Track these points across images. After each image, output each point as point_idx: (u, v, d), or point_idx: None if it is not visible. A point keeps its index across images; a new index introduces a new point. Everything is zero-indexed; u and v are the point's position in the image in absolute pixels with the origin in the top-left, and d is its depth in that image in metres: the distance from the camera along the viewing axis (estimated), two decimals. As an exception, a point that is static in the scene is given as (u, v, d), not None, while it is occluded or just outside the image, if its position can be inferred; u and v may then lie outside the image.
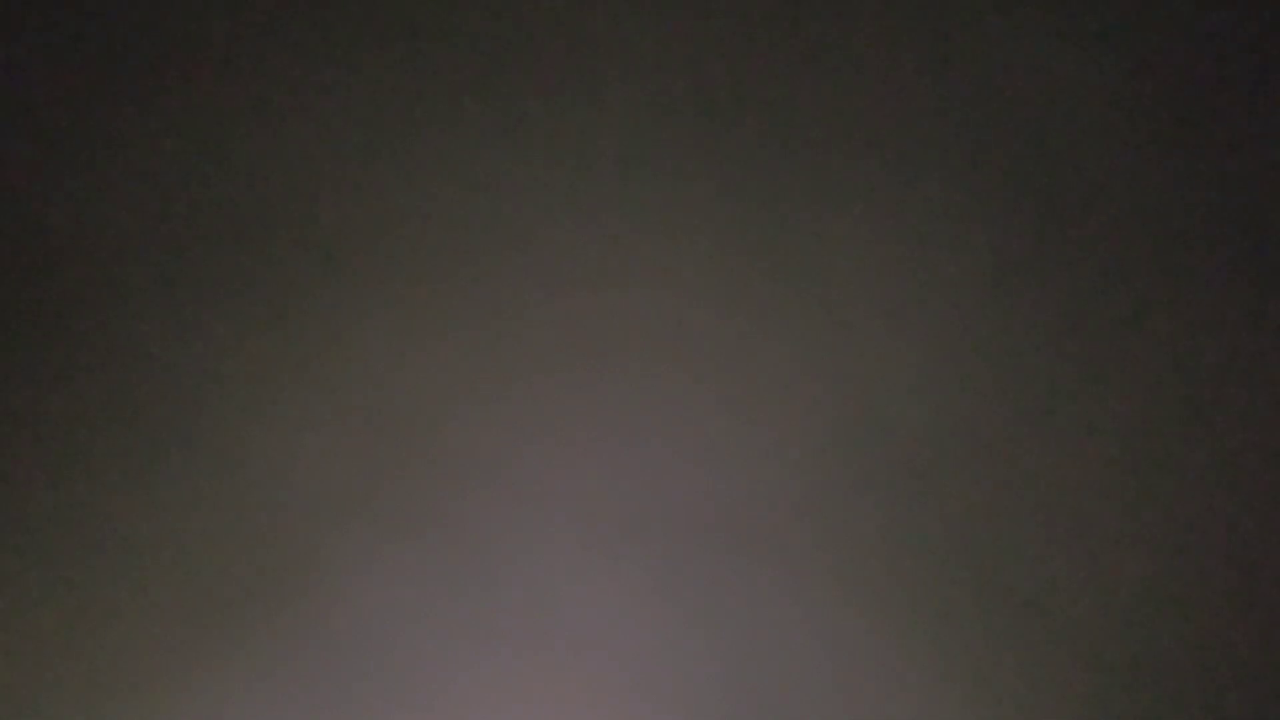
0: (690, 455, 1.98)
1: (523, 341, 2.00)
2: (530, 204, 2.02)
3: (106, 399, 1.98)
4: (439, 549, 1.97)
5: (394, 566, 1.96)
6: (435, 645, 1.95)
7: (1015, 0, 2.05)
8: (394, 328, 2.00)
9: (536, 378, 1.99)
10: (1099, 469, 1.98)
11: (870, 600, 1.96)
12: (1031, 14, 2.04)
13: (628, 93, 2.03)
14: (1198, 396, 1.99)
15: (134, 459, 1.97)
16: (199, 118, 2.02)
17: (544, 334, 2.00)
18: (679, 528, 1.97)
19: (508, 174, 2.02)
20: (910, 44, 2.04)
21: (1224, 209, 2.02)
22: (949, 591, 1.97)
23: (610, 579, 1.97)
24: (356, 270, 2.01)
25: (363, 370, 1.99)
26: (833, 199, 2.02)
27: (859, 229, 2.02)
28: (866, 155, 2.03)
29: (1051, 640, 1.96)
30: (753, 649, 1.96)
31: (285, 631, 1.95)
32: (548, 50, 2.04)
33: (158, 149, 2.02)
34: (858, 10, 2.04)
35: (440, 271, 2.01)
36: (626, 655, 1.96)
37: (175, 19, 2.04)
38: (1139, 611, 1.97)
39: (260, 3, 2.04)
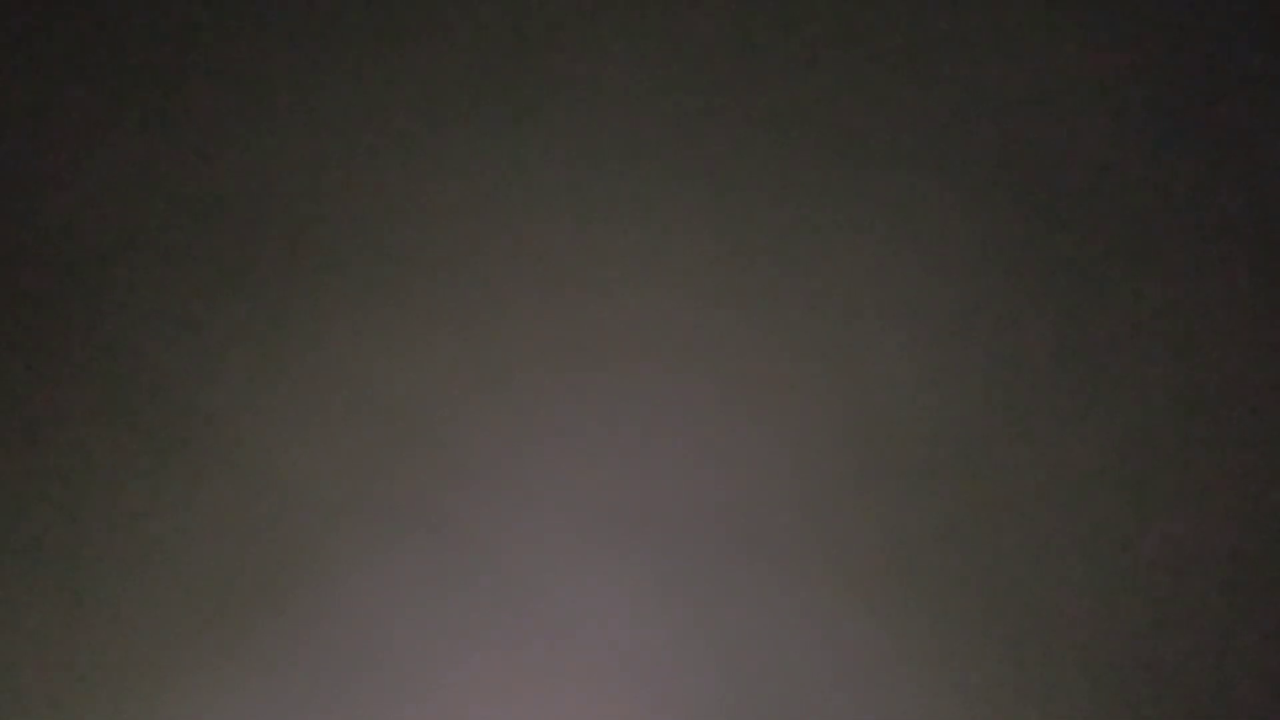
0: (690, 454, 1.98)
1: (522, 341, 2.00)
2: (530, 203, 2.02)
3: (105, 398, 1.98)
4: (438, 548, 1.97)
5: (393, 565, 1.96)
6: (434, 643, 1.95)
7: (1014, 1, 2.05)
8: (393, 327, 2.00)
9: (536, 378, 1.99)
10: (1099, 468, 1.99)
11: (870, 598, 1.96)
12: (1030, 13, 2.04)
13: (627, 92, 2.03)
14: (1198, 395, 2.00)
15: (132, 458, 1.97)
16: (199, 118, 2.02)
17: (544, 334, 2.00)
18: (679, 527, 1.97)
19: (507, 173, 2.02)
20: (910, 43, 2.04)
21: (1224, 207, 2.02)
22: (948, 589, 1.97)
23: (610, 578, 1.97)
24: (356, 270, 2.01)
25: (362, 370, 1.99)
26: (832, 199, 2.02)
27: (859, 229, 2.02)
28: (866, 155, 2.03)
29: (1051, 639, 1.96)
30: (752, 647, 1.96)
31: (284, 630, 1.95)
32: (547, 50, 2.04)
33: (157, 149, 2.02)
34: (857, 9, 2.04)
35: (440, 271, 2.01)
36: (626, 654, 1.95)
37: (175, 18, 2.04)
38: (1139, 611, 1.97)
39: (260, 3, 2.04)
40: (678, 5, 2.04)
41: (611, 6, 2.04)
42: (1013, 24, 2.04)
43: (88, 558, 1.95)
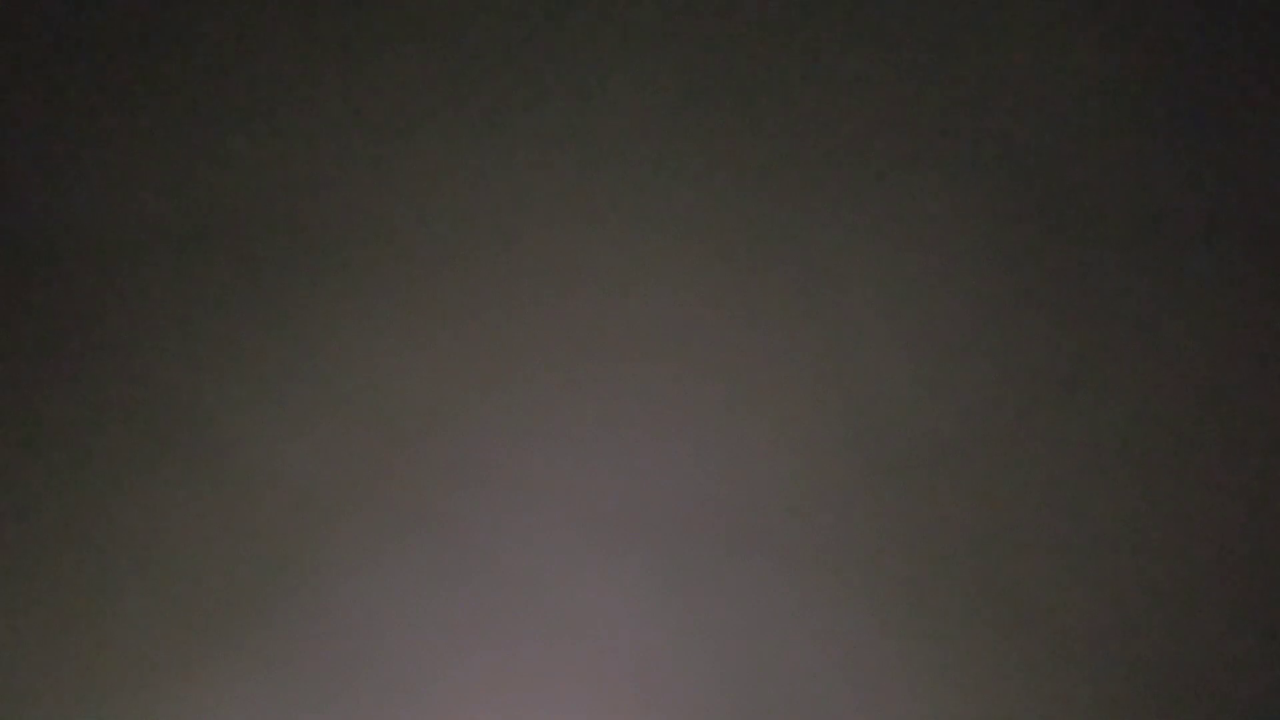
0: (689, 454, 1.98)
1: (522, 341, 2.00)
2: (530, 204, 2.02)
3: (105, 399, 1.98)
4: (438, 547, 1.97)
5: (392, 565, 1.96)
6: (434, 643, 1.95)
7: (1016, 1, 2.05)
8: (393, 327, 2.00)
9: (536, 377, 1.99)
10: (1098, 468, 1.98)
11: (870, 597, 1.96)
12: (1031, 13, 2.04)
13: (628, 92, 2.03)
14: (1198, 395, 1.99)
15: (132, 458, 1.97)
16: (199, 118, 2.02)
17: (544, 334, 2.00)
18: (678, 526, 1.97)
19: (507, 174, 2.02)
20: (911, 43, 2.04)
21: (1225, 207, 2.02)
22: (949, 588, 1.97)
23: (610, 577, 1.97)
24: (356, 270, 2.01)
25: (362, 370, 1.99)
26: (833, 199, 2.02)
27: (859, 229, 2.02)
28: (867, 155, 2.02)
29: (1051, 638, 1.96)
30: (752, 646, 1.96)
31: (284, 630, 1.95)
32: (548, 50, 2.04)
33: (157, 149, 2.02)
34: (858, 10, 2.04)
35: (440, 271, 2.01)
36: (626, 653, 1.95)
37: (175, 18, 2.03)
38: (1139, 610, 1.97)
39: (260, 3, 2.04)
40: (679, 6, 2.04)
41: (613, 7, 2.04)
42: (1013, 24, 2.04)
43: (88, 557, 1.95)
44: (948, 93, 2.03)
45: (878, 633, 1.96)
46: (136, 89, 2.03)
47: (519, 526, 1.97)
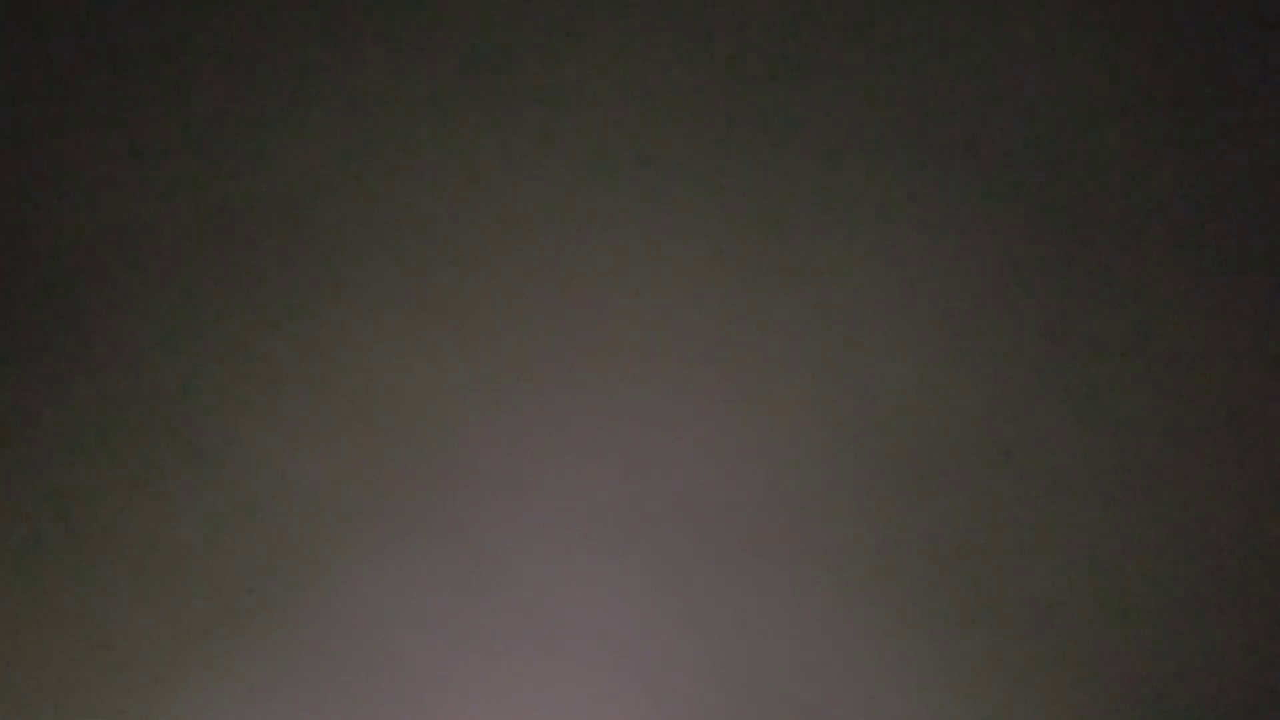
0: (689, 453, 1.98)
1: (523, 340, 2.00)
2: (530, 203, 2.02)
3: (105, 399, 1.98)
4: (439, 548, 1.97)
5: (393, 566, 1.96)
6: (435, 644, 1.95)
7: (1016, 0, 2.05)
8: (394, 328, 2.00)
9: (537, 377, 1.99)
10: (1100, 469, 1.98)
11: (871, 598, 1.96)
12: (1031, 13, 2.04)
13: (628, 93, 2.03)
14: (1199, 396, 1.99)
15: (132, 459, 1.97)
16: (199, 117, 2.02)
17: (544, 333, 2.00)
18: (679, 526, 1.97)
19: (508, 173, 2.02)
20: (911, 44, 2.04)
21: (1225, 208, 2.02)
22: (950, 590, 1.96)
23: (610, 576, 1.97)
24: (356, 270, 2.01)
25: (362, 370, 1.99)
26: (833, 199, 2.02)
27: (859, 229, 2.02)
28: (867, 155, 2.03)
29: (1052, 640, 1.96)
30: (754, 647, 1.96)
31: (284, 629, 1.95)
32: (548, 50, 2.04)
33: (157, 149, 2.02)
34: (858, 10, 2.04)
35: (440, 271, 2.01)
36: (627, 654, 1.95)
37: (174, 18, 2.04)
38: (1140, 613, 1.97)
39: (259, 2, 2.04)
40: (679, 5, 2.05)
41: (614, 7, 2.05)
42: (1014, 25, 2.04)
43: (88, 557, 1.95)
44: (950, 92, 2.03)
45: (878, 633, 1.96)
46: (136, 89, 2.03)
47: (519, 526, 1.97)
